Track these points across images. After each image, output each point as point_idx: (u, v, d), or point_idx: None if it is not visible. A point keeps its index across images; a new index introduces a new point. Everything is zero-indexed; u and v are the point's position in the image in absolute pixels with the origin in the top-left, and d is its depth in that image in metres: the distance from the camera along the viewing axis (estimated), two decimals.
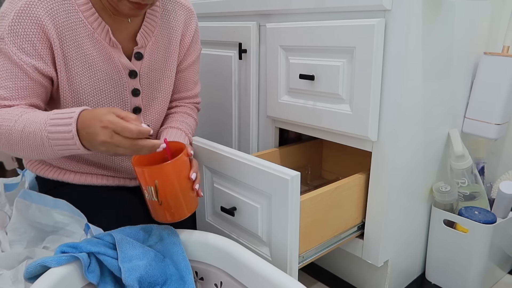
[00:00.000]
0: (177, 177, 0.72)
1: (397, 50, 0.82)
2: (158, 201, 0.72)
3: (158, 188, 0.70)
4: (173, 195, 0.72)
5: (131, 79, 0.84)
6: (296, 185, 0.73)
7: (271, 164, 0.77)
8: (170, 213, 0.74)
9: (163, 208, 0.73)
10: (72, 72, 0.78)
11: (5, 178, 1.01)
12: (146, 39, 0.85)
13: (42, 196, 0.87)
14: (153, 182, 0.70)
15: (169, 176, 0.71)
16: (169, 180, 0.71)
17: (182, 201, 0.74)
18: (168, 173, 0.71)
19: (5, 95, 0.72)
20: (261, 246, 0.84)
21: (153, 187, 0.70)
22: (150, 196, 0.72)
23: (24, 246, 0.83)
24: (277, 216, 0.77)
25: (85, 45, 0.78)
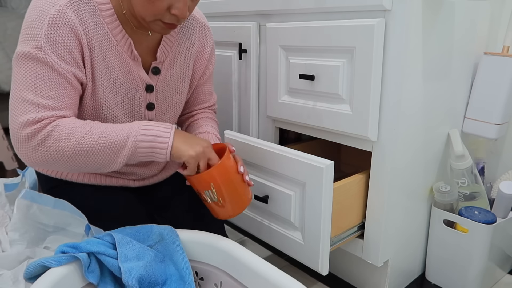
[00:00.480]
0: (228, 175, 0.77)
1: (397, 50, 0.82)
2: (218, 202, 0.78)
3: (215, 189, 0.76)
4: (229, 192, 0.78)
5: (147, 93, 0.85)
6: (330, 173, 0.80)
7: (305, 154, 0.84)
8: (231, 209, 0.80)
9: (224, 207, 0.79)
10: (97, 82, 0.78)
11: (5, 178, 1.01)
12: (165, 54, 0.85)
13: (43, 196, 0.87)
14: (209, 186, 0.76)
15: (222, 176, 0.76)
16: (222, 179, 0.76)
17: (238, 195, 0.80)
18: (220, 174, 0.76)
19: (53, 105, 0.71)
20: (293, 231, 0.91)
21: (210, 190, 0.76)
22: (209, 199, 0.78)
23: (25, 246, 0.83)
24: (310, 203, 0.84)
25: (109, 57, 0.78)
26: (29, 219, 0.84)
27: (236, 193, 0.79)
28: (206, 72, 0.97)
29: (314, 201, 0.83)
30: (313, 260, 0.87)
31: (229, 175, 0.77)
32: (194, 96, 0.99)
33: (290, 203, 0.89)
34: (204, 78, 0.97)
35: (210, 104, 1.03)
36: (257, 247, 1.27)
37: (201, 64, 0.94)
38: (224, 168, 0.76)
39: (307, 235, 0.87)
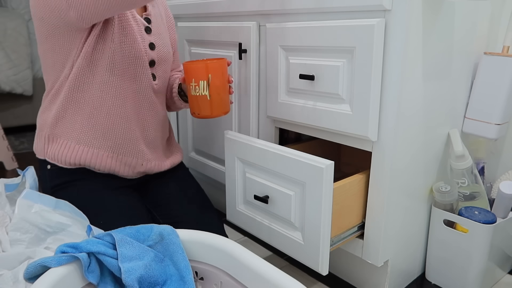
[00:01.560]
0: (223, 75, 0.88)
1: (397, 50, 0.82)
2: (207, 95, 0.87)
3: (210, 81, 0.86)
4: (220, 89, 0.88)
5: (147, 34, 0.98)
6: (330, 173, 0.81)
7: (305, 154, 0.84)
8: (214, 107, 0.88)
9: (210, 102, 0.88)
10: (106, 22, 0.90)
11: (5, 178, 1.01)
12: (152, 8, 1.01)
13: (44, 196, 0.87)
14: (207, 76, 0.86)
15: (221, 71, 0.87)
16: (220, 74, 0.87)
17: (225, 96, 0.90)
18: (221, 69, 0.87)
19: None
20: (293, 231, 0.91)
21: (206, 81, 0.86)
22: (200, 91, 0.87)
23: (25, 246, 0.83)
24: (310, 203, 0.84)
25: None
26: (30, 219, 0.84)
27: (224, 93, 0.90)
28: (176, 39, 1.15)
29: (314, 201, 0.83)
30: (313, 260, 0.87)
31: (223, 76, 0.88)
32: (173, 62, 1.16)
33: (290, 203, 0.89)
34: (176, 45, 1.16)
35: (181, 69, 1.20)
36: (257, 247, 1.27)
37: (172, 29, 1.13)
38: (224, 66, 0.88)
39: (307, 235, 0.87)
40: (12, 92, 2.45)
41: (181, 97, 1.08)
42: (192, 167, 1.51)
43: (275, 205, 0.93)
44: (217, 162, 1.38)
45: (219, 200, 1.53)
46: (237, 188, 1.03)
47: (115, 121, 0.94)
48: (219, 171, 1.36)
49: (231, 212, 1.07)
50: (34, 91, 2.58)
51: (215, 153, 1.37)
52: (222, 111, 0.90)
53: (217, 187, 1.52)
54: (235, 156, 1.00)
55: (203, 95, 0.87)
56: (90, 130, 0.93)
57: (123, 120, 0.95)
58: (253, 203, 0.99)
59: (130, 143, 0.98)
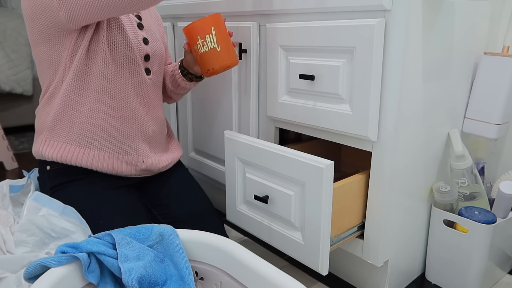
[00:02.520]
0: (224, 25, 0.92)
1: (397, 50, 0.82)
2: (216, 47, 0.91)
3: (216, 32, 0.90)
4: (226, 38, 0.92)
5: (140, 30, 1.00)
6: (330, 173, 0.81)
7: (305, 154, 0.84)
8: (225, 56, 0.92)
9: (220, 53, 0.91)
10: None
11: (7, 179, 1.01)
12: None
13: (53, 201, 0.88)
14: (211, 29, 0.90)
15: (220, 23, 0.91)
16: (221, 26, 0.91)
17: (231, 45, 0.94)
18: (220, 19, 0.91)
19: None
20: (293, 231, 0.91)
21: (211, 34, 0.90)
22: (208, 45, 0.91)
23: (29, 249, 0.83)
24: (310, 203, 0.84)
25: None
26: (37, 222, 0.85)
27: (230, 43, 0.94)
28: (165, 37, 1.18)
29: (314, 201, 0.83)
30: (313, 260, 0.87)
31: (224, 26, 0.93)
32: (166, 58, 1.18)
33: (290, 203, 0.89)
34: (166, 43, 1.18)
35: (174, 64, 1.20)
36: (257, 247, 1.27)
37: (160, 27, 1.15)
38: (221, 17, 0.92)
39: (307, 235, 0.87)
40: (12, 92, 2.45)
41: (185, 76, 1.10)
42: (192, 167, 1.51)
43: (275, 205, 0.93)
44: (217, 162, 1.38)
45: (219, 200, 1.53)
46: (237, 188, 1.03)
47: (113, 120, 0.95)
48: (219, 171, 1.36)
49: (231, 212, 1.07)
50: (34, 91, 2.58)
51: (215, 153, 1.37)
52: (233, 60, 0.94)
53: (217, 187, 1.52)
54: (235, 156, 1.00)
55: (212, 47, 0.91)
56: (89, 132, 0.93)
57: (121, 118, 0.96)
58: (253, 203, 0.99)
59: (130, 141, 0.98)
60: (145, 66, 1.00)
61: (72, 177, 0.94)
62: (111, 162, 0.96)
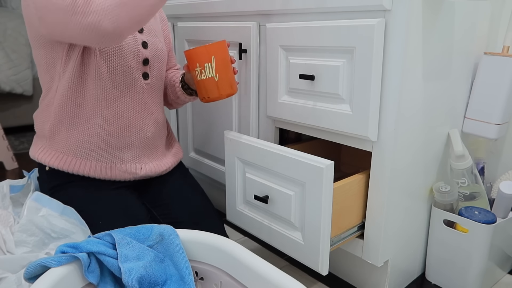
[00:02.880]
0: (226, 55, 0.90)
1: (397, 50, 0.82)
2: (214, 76, 0.89)
3: (215, 62, 0.88)
4: (225, 69, 0.90)
5: (139, 33, 0.98)
6: (330, 173, 0.81)
7: (305, 154, 0.84)
8: (222, 87, 0.90)
9: (218, 83, 0.90)
10: None
11: (7, 179, 1.01)
12: None
13: (53, 201, 0.88)
14: (211, 58, 0.88)
15: (222, 52, 0.89)
16: (222, 55, 0.89)
17: (231, 75, 0.92)
18: (222, 48, 0.89)
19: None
20: (293, 231, 0.91)
21: (210, 63, 0.88)
22: (206, 74, 0.89)
23: (29, 249, 0.83)
24: (310, 203, 0.84)
25: None
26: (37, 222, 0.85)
27: (230, 73, 0.91)
28: (170, 39, 1.15)
29: (314, 201, 0.83)
30: (313, 260, 0.87)
31: (226, 55, 0.90)
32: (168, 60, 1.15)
33: (290, 203, 0.89)
34: (171, 44, 1.16)
35: (178, 67, 1.20)
36: (257, 247, 1.27)
37: (165, 29, 1.13)
38: (225, 47, 0.90)
39: (307, 235, 0.87)
40: (12, 92, 2.45)
41: (185, 90, 1.07)
42: (192, 167, 1.51)
43: (275, 205, 0.93)
44: (217, 162, 1.38)
45: (219, 200, 1.53)
46: (237, 188, 1.03)
47: (109, 131, 0.94)
48: (219, 171, 1.36)
49: (231, 212, 1.07)
50: (34, 91, 2.58)
51: (215, 153, 1.37)
52: (231, 90, 0.92)
53: (217, 187, 1.52)
54: (235, 156, 1.00)
55: (210, 77, 0.89)
56: (85, 143, 0.93)
57: (118, 129, 0.95)
58: (253, 203, 0.99)
59: (127, 150, 0.97)
60: (143, 71, 0.98)
61: (70, 178, 0.94)
62: (109, 172, 0.96)
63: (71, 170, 0.93)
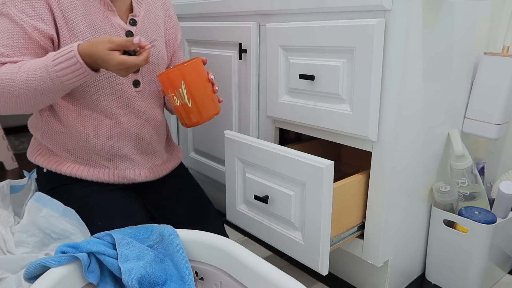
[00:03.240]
0: (199, 76, 0.83)
1: (397, 50, 0.82)
2: (187, 102, 0.83)
3: (185, 87, 0.82)
4: (200, 92, 0.83)
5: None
6: (330, 173, 0.80)
7: (305, 154, 0.84)
8: (199, 112, 0.84)
9: (193, 109, 0.84)
10: (74, 31, 0.85)
11: (7, 179, 1.01)
12: (139, 9, 0.95)
13: (54, 202, 0.87)
14: (180, 84, 0.81)
15: (192, 74, 0.82)
16: (193, 77, 0.82)
17: (207, 99, 0.85)
18: (193, 71, 0.82)
19: (6, 53, 0.79)
20: (293, 231, 0.91)
21: (181, 88, 0.82)
22: (179, 100, 0.83)
23: (29, 249, 0.83)
24: (310, 203, 0.84)
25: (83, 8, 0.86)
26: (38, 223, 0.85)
27: (205, 97, 0.84)
28: (177, 38, 1.09)
29: (314, 201, 0.83)
30: (313, 260, 0.87)
31: (199, 77, 0.83)
32: (172, 62, 1.10)
33: (290, 203, 0.89)
34: (178, 44, 1.09)
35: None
36: (257, 247, 1.27)
37: (171, 28, 1.06)
38: (196, 67, 0.83)
39: (307, 235, 0.87)
40: None
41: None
42: (192, 167, 1.51)
43: (275, 205, 0.93)
44: (217, 162, 1.38)
45: (219, 200, 1.53)
46: (237, 188, 1.03)
47: (104, 139, 0.93)
48: (219, 171, 1.36)
49: (231, 212, 1.07)
50: None
51: (215, 153, 1.37)
52: (210, 113, 0.86)
53: (217, 187, 1.52)
54: (235, 156, 1.00)
55: (183, 103, 0.83)
56: (82, 152, 0.93)
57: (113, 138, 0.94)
58: (253, 203, 0.99)
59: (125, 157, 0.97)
60: (133, 79, 0.94)
61: (69, 180, 0.94)
62: (106, 177, 0.95)
63: (68, 174, 0.93)
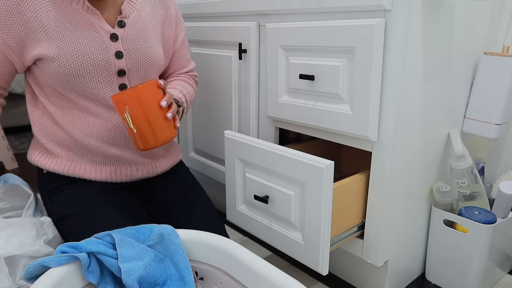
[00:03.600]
0: (144, 102, 0.77)
1: (397, 50, 0.82)
2: (133, 128, 0.78)
3: (130, 113, 0.77)
4: (144, 120, 0.78)
5: (113, 42, 0.89)
6: (330, 173, 0.80)
7: (305, 154, 0.84)
8: (144, 139, 0.79)
9: (138, 135, 0.79)
10: (54, 40, 0.84)
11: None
12: (130, 11, 0.92)
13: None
14: (125, 109, 0.77)
15: (136, 101, 0.77)
16: (137, 104, 0.77)
17: (155, 127, 0.79)
18: (134, 98, 0.77)
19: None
20: (293, 231, 0.91)
21: (126, 113, 0.77)
22: (127, 124, 0.79)
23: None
24: (310, 203, 0.84)
25: (63, 15, 0.84)
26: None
27: (153, 121, 0.79)
28: (178, 37, 1.04)
29: (314, 201, 0.83)
30: (313, 260, 0.87)
31: (145, 102, 0.78)
32: (172, 63, 1.06)
33: (290, 203, 0.89)
34: (178, 43, 1.05)
35: (188, 70, 1.10)
36: (257, 247, 1.27)
37: (170, 27, 1.02)
38: (138, 93, 0.77)
39: (307, 235, 0.87)
40: (12, 92, 2.45)
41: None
42: (192, 167, 1.51)
43: (275, 205, 0.93)
44: (217, 162, 1.38)
45: (219, 200, 1.53)
46: (237, 188, 1.03)
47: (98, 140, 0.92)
48: (219, 171, 1.36)
49: (231, 212, 1.07)
50: None
51: (215, 153, 1.37)
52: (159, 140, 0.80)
53: (217, 187, 1.52)
54: (235, 156, 1.00)
55: (130, 128, 0.79)
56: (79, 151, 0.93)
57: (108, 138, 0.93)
58: (253, 203, 0.99)
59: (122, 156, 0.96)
60: (120, 82, 0.91)
61: (69, 180, 0.94)
62: (104, 174, 0.95)
63: (66, 173, 0.93)
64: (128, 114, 0.77)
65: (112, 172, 0.96)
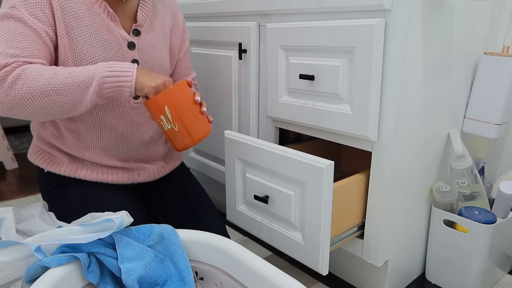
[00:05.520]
0: (183, 99, 0.82)
1: (397, 50, 0.82)
2: (174, 127, 0.82)
3: (170, 113, 0.80)
4: (184, 117, 0.82)
5: (130, 50, 0.90)
6: (330, 173, 0.80)
7: (305, 154, 0.84)
8: (187, 135, 0.83)
9: (180, 133, 0.82)
10: (75, 40, 0.84)
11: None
12: (144, 19, 0.93)
13: None
14: (164, 110, 0.80)
15: (176, 98, 0.81)
16: (178, 101, 0.81)
17: (193, 122, 0.83)
18: (177, 95, 0.81)
19: (22, 54, 0.76)
20: (293, 231, 0.91)
21: (165, 115, 0.80)
22: (166, 125, 0.82)
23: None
24: (310, 203, 0.84)
25: (85, 17, 0.84)
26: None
27: (192, 119, 0.83)
28: (183, 47, 1.06)
29: (314, 201, 0.83)
30: (313, 260, 0.87)
31: (184, 100, 0.82)
32: (175, 72, 1.07)
33: (290, 203, 0.89)
34: (183, 52, 1.06)
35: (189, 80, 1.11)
36: (257, 247, 1.27)
37: (177, 36, 1.03)
38: (177, 92, 0.81)
39: (307, 235, 0.87)
40: None
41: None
42: (192, 167, 1.51)
43: (275, 205, 0.93)
44: (217, 162, 1.38)
45: (219, 200, 1.53)
46: (237, 188, 1.03)
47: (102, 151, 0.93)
48: (219, 171, 1.36)
49: (231, 212, 1.07)
50: None
51: (215, 153, 1.37)
52: (199, 135, 0.84)
53: (217, 187, 1.52)
54: (235, 156, 1.00)
55: (170, 128, 0.82)
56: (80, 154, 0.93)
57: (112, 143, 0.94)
58: (253, 203, 0.99)
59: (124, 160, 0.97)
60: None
61: (69, 180, 0.94)
62: (105, 177, 0.95)
63: (67, 174, 0.93)
64: (168, 114, 0.80)
65: (114, 176, 0.96)
